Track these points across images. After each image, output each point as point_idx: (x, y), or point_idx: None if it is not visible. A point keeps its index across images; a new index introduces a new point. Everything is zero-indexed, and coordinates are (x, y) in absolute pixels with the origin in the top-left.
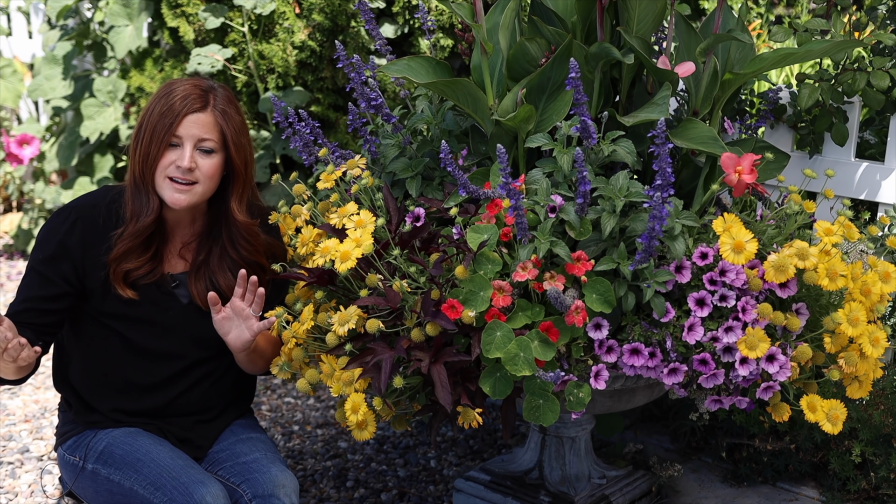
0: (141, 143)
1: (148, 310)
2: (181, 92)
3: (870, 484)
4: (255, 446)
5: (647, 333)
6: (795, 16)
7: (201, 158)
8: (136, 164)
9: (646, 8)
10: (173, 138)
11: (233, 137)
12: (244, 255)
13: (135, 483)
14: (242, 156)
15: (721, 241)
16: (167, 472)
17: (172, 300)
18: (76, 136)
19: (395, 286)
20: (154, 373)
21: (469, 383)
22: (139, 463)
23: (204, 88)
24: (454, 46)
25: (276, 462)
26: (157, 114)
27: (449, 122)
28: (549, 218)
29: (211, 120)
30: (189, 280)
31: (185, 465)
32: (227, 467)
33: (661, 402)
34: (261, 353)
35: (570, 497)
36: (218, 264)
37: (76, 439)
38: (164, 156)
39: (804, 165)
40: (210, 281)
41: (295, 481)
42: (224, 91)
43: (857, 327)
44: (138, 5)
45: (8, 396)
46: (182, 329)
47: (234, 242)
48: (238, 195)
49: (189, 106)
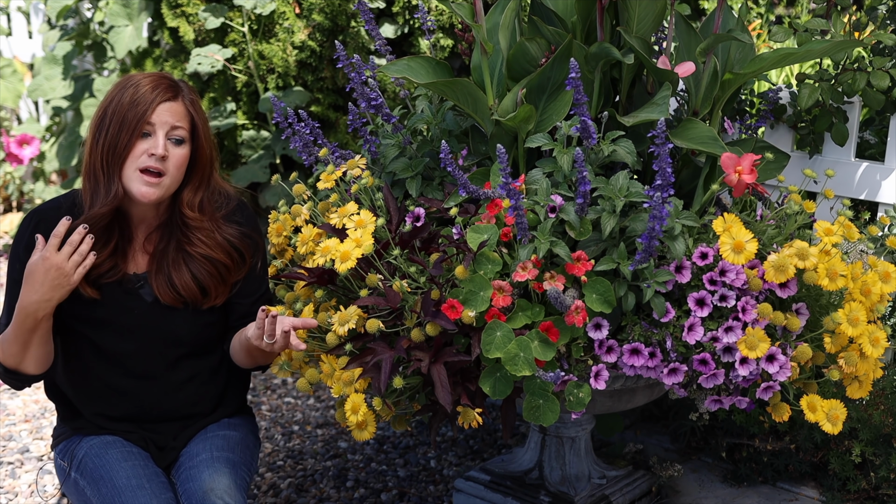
0: (106, 133)
1: (111, 310)
2: (149, 83)
3: (870, 484)
4: (211, 444)
5: (647, 333)
6: (795, 16)
7: (172, 147)
8: (100, 156)
9: (646, 8)
10: (146, 126)
11: (202, 128)
12: (200, 250)
13: (97, 502)
14: (208, 146)
15: (721, 241)
16: (118, 496)
17: (136, 300)
18: (76, 136)
19: (395, 286)
20: (129, 375)
21: (469, 383)
22: (101, 481)
23: (171, 80)
24: (454, 46)
25: (214, 463)
26: (126, 102)
27: (449, 122)
28: (549, 218)
29: (182, 109)
30: (150, 276)
31: (137, 486)
32: (180, 473)
33: (661, 402)
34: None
35: (570, 497)
36: (175, 258)
37: (65, 444)
38: (135, 145)
39: (804, 165)
40: (168, 276)
41: (228, 478)
42: (187, 85)
43: (857, 327)
44: (138, 5)
45: (8, 396)
46: (149, 329)
47: (187, 237)
48: (194, 187)
49: (161, 94)
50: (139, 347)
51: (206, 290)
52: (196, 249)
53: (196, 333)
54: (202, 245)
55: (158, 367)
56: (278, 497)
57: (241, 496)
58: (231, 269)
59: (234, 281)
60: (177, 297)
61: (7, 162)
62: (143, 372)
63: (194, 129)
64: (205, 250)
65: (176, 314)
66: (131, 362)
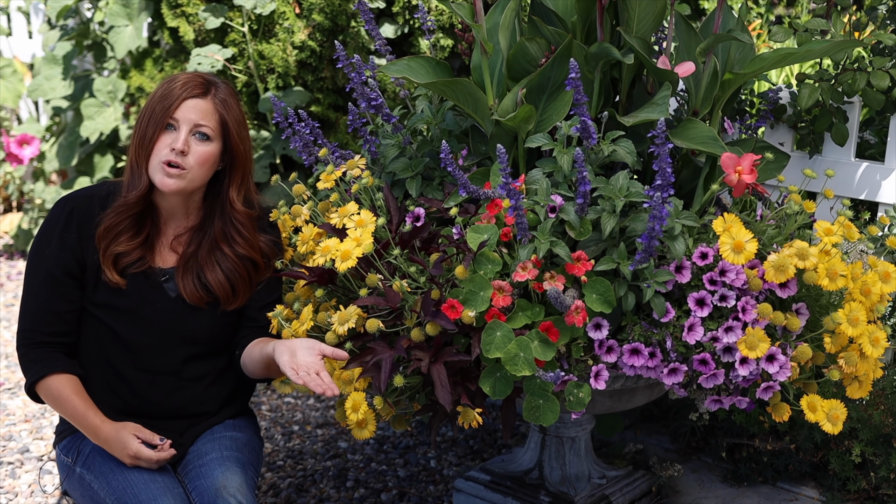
0: (141, 123)
1: (135, 300)
2: (183, 79)
3: (870, 484)
4: (220, 444)
5: (647, 333)
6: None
7: (196, 144)
8: (134, 148)
9: (646, 8)
10: (170, 121)
11: (234, 126)
12: (238, 250)
13: (107, 495)
14: (244, 146)
15: (721, 241)
16: (130, 488)
17: (160, 293)
18: (76, 136)
19: (395, 286)
20: (140, 367)
21: (469, 383)
22: (111, 474)
23: (206, 79)
24: (454, 46)
25: (224, 462)
26: (158, 97)
27: (449, 122)
28: (549, 218)
29: (210, 107)
30: (177, 273)
31: (149, 479)
32: (189, 470)
33: (661, 402)
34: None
35: (570, 497)
36: (207, 258)
37: (70, 440)
38: (159, 138)
39: (804, 165)
40: (198, 275)
41: (240, 477)
42: (226, 86)
43: (857, 327)
44: (138, 5)
45: (8, 397)
46: (169, 324)
47: (228, 236)
48: (237, 185)
49: (189, 91)
50: (155, 341)
51: (236, 289)
52: (236, 248)
53: (214, 333)
54: (243, 243)
55: (170, 364)
56: (278, 497)
57: (251, 496)
58: (260, 271)
59: (257, 283)
60: (203, 296)
61: (7, 162)
62: (154, 366)
63: (224, 127)
64: (243, 249)
65: (197, 312)
66: (145, 355)
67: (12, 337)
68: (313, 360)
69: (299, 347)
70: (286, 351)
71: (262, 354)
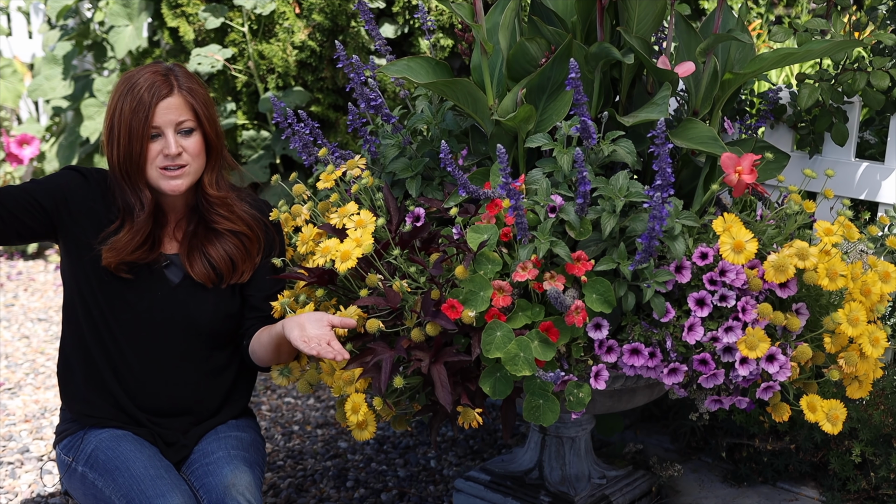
0: (118, 142)
1: (137, 290)
2: (144, 83)
3: (870, 484)
4: (226, 443)
5: (647, 333)
6: (795, 16)
7: (184, 140)
8: (118, 163)
9: (646, 8)
10: (152, 130)
11: (204, 112)
12: (226, 226)
13: (112, 492)
14: (214, 128)
15: (721, 241)
16: (137, 484)
17: (161, 281)
18: (76, 136)
19: (395, 286)
20: (142, 360)
21: (469, 383)
22: (116, 471)
23: (163, 73)
24: (454, 46)
25: (232, 460)
26: (127, 111)
27: (449, 122)
28: (549, 218)
29: (181, 101)
30: (183, 256)
31: (156, 476)
32: (195, 469)
33: (661, 402)
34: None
35: (570, 497)
36: (205, 235)
37: (71, 439)
38: (148, 150)
39: (804, 165)
40: (202, 252)
41: (249, 476)
42: (181, 68)
43: (857, 327)
44: (138, 5)
45: (8, 397)
46: (169, 311)
47: (211, 217)
48: (211, 168)
49: (157, 94)
50: (156, 331)
51: (235, 263)
52: (221, 226)
53: (215, 323)
54: (225, 221)
55: (169, 355)
56: (278, 497)
57: (259, 495)
58: (253, 240)
59: (256, 255)
60: (209, 273)
61: (7, 162)
62: (153, 357)
63: (197, 114)
64: (228, 225)
65: (199, 298)
66: (145, 346)
67: (12, 337)
68: (323, 332)
69: (307, 321)
70: (296, 326)
71: (271, 336)
